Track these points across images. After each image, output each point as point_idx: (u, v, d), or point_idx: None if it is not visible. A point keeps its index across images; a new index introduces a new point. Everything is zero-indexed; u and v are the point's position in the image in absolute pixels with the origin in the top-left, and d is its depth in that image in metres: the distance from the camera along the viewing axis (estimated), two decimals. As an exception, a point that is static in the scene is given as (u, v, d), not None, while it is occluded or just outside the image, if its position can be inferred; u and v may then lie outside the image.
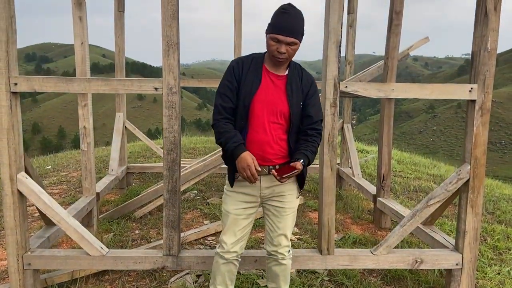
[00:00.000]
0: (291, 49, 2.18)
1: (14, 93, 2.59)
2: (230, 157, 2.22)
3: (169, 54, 2.62)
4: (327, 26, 2.67)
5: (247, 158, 2.11)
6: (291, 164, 2.17)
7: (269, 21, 2.22)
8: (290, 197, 2.37)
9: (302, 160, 2.16)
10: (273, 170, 2.14)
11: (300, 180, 2.39)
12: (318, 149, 2.40)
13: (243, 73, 2.26)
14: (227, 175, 2.38)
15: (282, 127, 2.27)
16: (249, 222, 2.39)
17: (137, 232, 4.13)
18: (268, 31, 2.20)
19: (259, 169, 2.13)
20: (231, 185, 2.34)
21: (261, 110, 2.23)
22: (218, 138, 2.24)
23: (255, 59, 2.32)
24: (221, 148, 2.34)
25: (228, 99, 2.25)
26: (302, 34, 2.20)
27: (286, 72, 2.32)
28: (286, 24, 2.13)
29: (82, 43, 3.80)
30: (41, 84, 2.63)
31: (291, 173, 2.10)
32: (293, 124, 2.27)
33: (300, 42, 2.20)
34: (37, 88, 2.62)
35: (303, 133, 2.29)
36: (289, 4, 2.21)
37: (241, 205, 2.33)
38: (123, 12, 5.32)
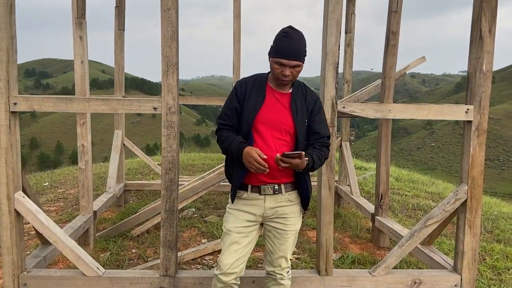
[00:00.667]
0: (295, 71, 2.20)
1: (13, 112, 2.61)
2: (237, 159, 2.20)
3: (168, 74, 2.65)
4: (325, 48, 2.71)
5: (250, 151, 2.10)
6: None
7: (272, 44, 2.24)
8: (292, 220, 2.35)
9: (307, 158, 2.12)
10: (278, 154, 2.08)
11: (305, 200, 2.36)
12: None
13: (246, 93, 2.28)
14: (230, 193, 2.37)
15: (288, 144, 2.26)
16: (250, 241, 2.34)
17: (134, 251, 4.10)
18: (271, 55, 2.22)
19: (265, 156, 2.09)
20: (232, 201, 2.33)
21: (265, 127, 2.24)
22: (223, 146, 2.26)
23: (259, 78, 2.35)
24: (224, 164, 2.33)
25: (227, 117, 2.29)
26: (305, 56, 2.22)
27: (290, 90, 2.33)
28: (289, 48, 2.15)
29: (82, 62, 3.83)
30: (41, 103, 2.64)
31: (293, 153, 2.04)
32: (299, 142, 2.26)
33: (303, 63, 2.23)
34: (36, 108, 2.63)
35: (311, 145, 2.29)
36: (290, 27, 2.23)
37: (243, 223, 2.30)
38: (123, 30, 5.38)
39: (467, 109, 2.76)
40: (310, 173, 2.39)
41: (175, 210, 2.75)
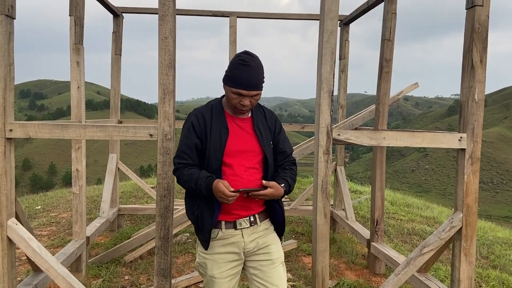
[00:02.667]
0: (254, 100, 2.08)
1: (9, 139, 2.60)
2: (207, 196, 2.02)
3: (165, 101, 2.66)
4: (319, 76, 2.75)
5: (217, 185, 1.94)
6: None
7: (228, 72, 2.07)
8: (275, 247, 2.20)
9: (283, 185, 2.07)
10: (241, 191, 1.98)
11: (281, 224, 2.25)
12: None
13: (206, 126, 2.11)
14: (197, 239, 2.19)
15: (258, 172, 2.15)
16: (236, 281, 2.20)
17: (126, 277, 4.03)
18: (228, 84, 2.05)
19: (232, 188, 1.95)
20: (206, 248, 2.12)
21: (234, 158, 2.10)
22: (188, 186, 2.07)
23: (214, 107, 2.18)
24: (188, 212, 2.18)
25: (187, 156, 2.11)
26: (263, 82, 2.08)
27: (250, 114, 2.21)
28: (249, 78, 2.00)
29: (78, 87, 3.84)
30: (36, 130, 2.64)
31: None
32: (269, 165, 2.16)
33: (262, 89, 2.08)
34: (32, 135, 2.63)
35: (280, 166, 2.22)
36: (247, 53, 2.07)
37: (227, 265, 2.12)
38: (120, 55, 5.43)
39: (460, 137, 2.79)
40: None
41: (170, 238, 2.73)
